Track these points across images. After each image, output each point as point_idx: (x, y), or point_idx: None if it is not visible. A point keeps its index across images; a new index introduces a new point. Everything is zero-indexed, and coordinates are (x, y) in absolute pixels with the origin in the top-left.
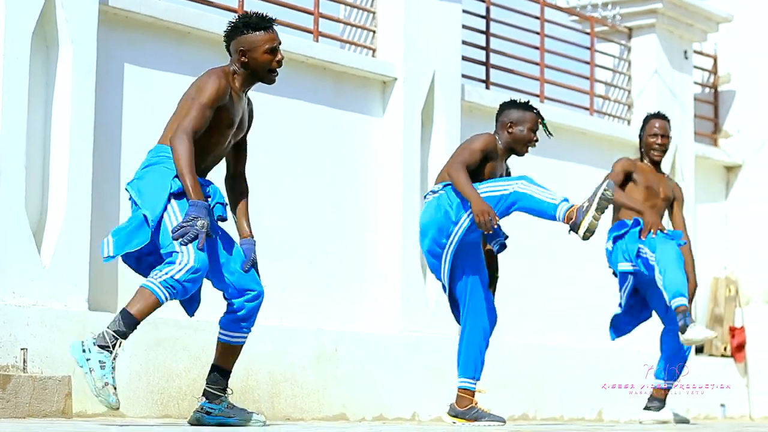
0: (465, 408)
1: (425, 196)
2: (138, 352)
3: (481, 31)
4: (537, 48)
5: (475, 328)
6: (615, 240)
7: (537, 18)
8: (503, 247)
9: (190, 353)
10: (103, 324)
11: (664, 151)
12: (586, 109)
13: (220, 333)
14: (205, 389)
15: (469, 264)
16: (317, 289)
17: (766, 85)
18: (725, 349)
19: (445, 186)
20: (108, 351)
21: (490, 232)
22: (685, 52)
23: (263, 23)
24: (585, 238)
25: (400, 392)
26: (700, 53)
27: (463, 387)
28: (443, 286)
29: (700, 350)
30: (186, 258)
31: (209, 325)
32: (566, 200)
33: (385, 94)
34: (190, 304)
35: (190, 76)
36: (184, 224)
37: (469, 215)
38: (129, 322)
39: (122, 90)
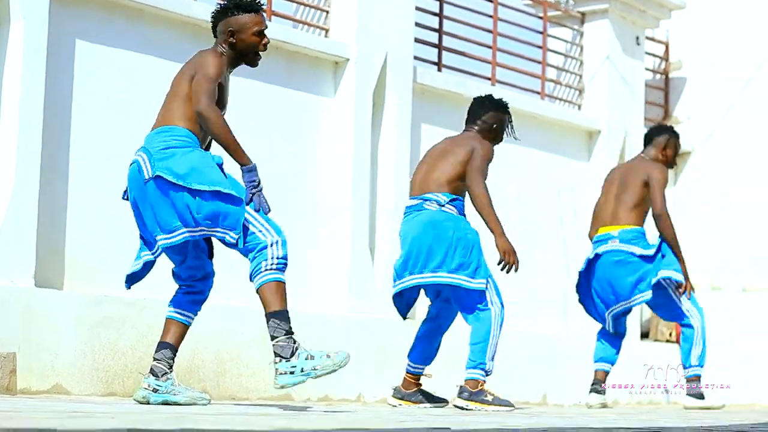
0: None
1: (421, 202)
2: (83, 330)
3: (434, 14)
4: (489, 31)
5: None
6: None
7: (490, 1)
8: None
9: (137, 331)
10: (50, 301)
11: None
12: (538, 93)
13: (176, 312)
14: (152, 366)
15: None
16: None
17: (717, 73)
18: (670, 334)
19: (453, 200)
20: (298, 349)
21: (509, 272)
22: (637, 38)
23: (253, 5)
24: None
25: (346, 373)
26: (652, 39)
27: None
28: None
29: (645, 335)
30: (270, 236)
31: (156, 302)
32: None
33: (337, 74)
34: (132, 279)
35: (142, 53)
36: (253, 191)
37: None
38: (286, 317)
39: (73, 67)
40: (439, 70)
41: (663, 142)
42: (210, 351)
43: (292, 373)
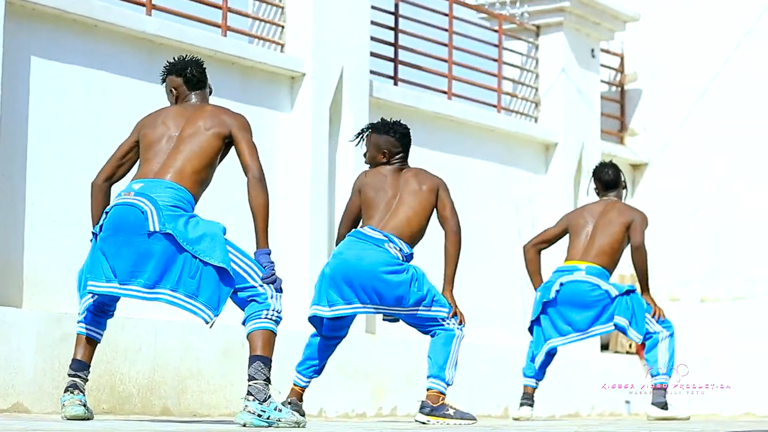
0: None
1: (386, 240)
2: (43, 348)
3: (390, 28)
4: (445, 45)
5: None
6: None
7: (446, 15)
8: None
9: (97, 348)
10: (9, 319)
11: None
12: (494, 106)
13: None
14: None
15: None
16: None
17: (672, 84)
18: (630, 346)
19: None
20: (271, 398)
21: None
22: (593, 50)
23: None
24: (418, 419)
25: (307, 388)
26: (607, 52)
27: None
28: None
29: (605, 347)
30: (270, 290)
31: (116, 320)
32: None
33: (293, 89)
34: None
35: (97, 69)
36: (272, 273)
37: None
38: (269, 365)
39: (28, 83)
40: (395, 84)
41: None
42: (170, 368)
43: (259, 416)
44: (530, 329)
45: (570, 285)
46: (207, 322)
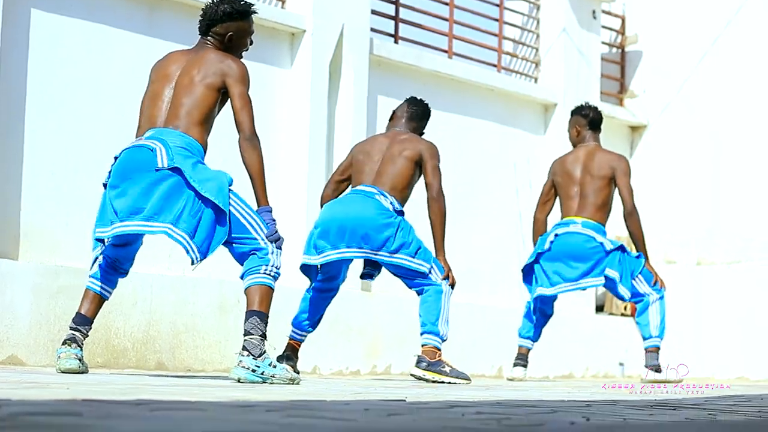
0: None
1: (375, 192)
2: (39, 301)
3: None
4: (446, 3)
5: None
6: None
7: None
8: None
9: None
10: (5, 271)
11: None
12: (494, 66)
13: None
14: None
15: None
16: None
17: (672, 47)
18: (625, 308)
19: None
20: (265, 353)
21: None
22: (594, 11)
23: (252, 12)
24: (414, 373)
25: (303, 342)
26: (608, 13)
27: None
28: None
29: (600, 309)
30: (270, 246)
31: None
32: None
33: (293, 46)
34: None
35: (97, 23)
36: (275, 230)
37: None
38: (266, 321)
39: (28, 35)
40: (396, 42)
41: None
42: (165, 323)
43: (253, 371)
44: (524, 279)
45: (565, 236)
46: (193, 263)
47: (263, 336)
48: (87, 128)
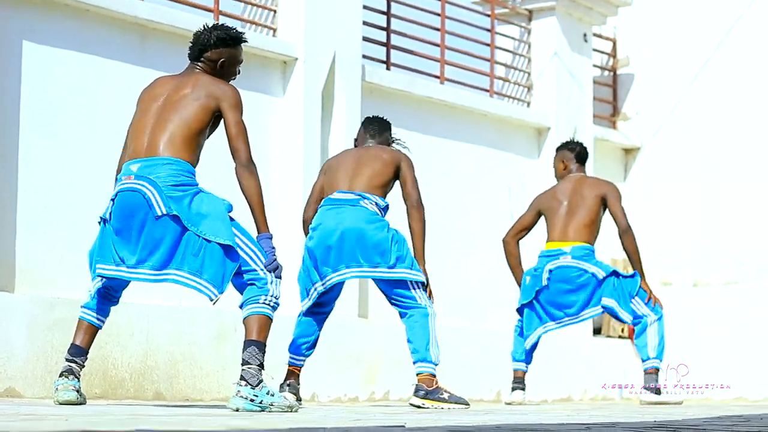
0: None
1: (359, 198)
2: (36, 333)
3: (382, 12)
4: (438, 29)
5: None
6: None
7: None
8: None
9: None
10: (1, 304)
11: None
12: (486, 90)
13: (97, 318)
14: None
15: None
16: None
17: (664, 69)
18: (622, 330)
19: (395, 230)
20: (263, 383)
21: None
22: (585, 35)
23: (243, 38)
24: (413, 403)
25: (303, 367)
26: (600, 36)
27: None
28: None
29: (597, 331)
30: (269, 276)
31: None
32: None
33: (286, 74)
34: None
35: (90, 54)
36: (273, 259)
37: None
38: (263, 350)
39: (20, 68)
40: (388, 68)
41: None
42: (163, 352)
43: (251, 401)
44: (519, 311)
45: (558, 271)
46: (211, 300)
47: (261, 365)
48: (81, 160)
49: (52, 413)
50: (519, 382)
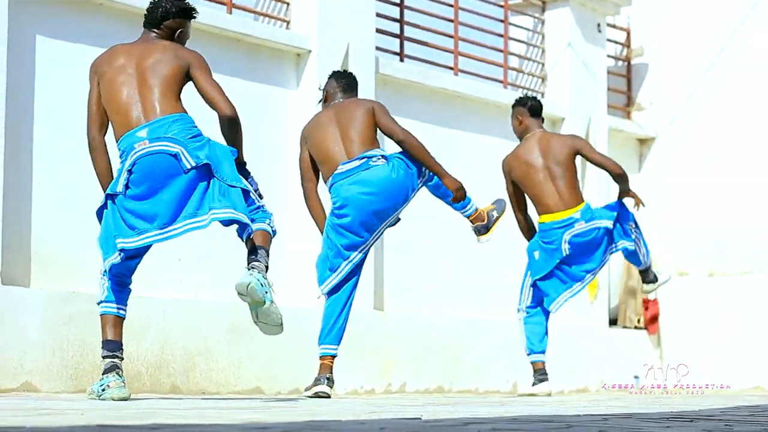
0: None
1: (366, 160)
2: (52, 327)
3: (395, 4)
4: (451, 21)
5: None
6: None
7: None
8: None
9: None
10: (16, 299)
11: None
12: (500, 81)
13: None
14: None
15: None
16: (232, 263)
17: (678, 58)
18: (639, 321)
19: (398, 154)
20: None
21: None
22: (599, 25)
23: (196, 14)
24: (483, 241)
25: (316, 366)
26: (613, 26)
27: None
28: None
29: (614, 322)
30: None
31: None
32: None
33: (299, 66)
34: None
35: (103, 48)
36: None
37: (422, 184)
38: (268, 256)
39: (34, 62)
40: (401, 60)
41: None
42: (178, 346)
43: (261, 284)
44: (543, 286)
45: (576, 238)
46: (246, 222)
47: (267, 267)
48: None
49: (68, 408)
50: (543, 374)
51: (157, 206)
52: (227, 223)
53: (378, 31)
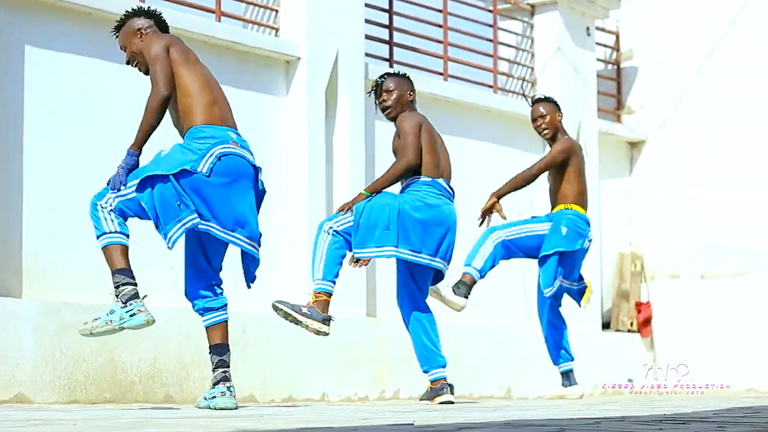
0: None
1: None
2: (44, 338)
3: (384, 10)
4: (440, 26)
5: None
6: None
7: None
8: None
9: (98, 337)
10: (8, 309)
11: (545, 129)
12: (490, 86)
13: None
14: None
15: None
16: (224, 271)
17: (667, 61)
18: (632, 324)
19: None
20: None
21: None
22: (588, 28)
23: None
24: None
25: (309, 373)
26: (603, 30)
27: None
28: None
29: (606, 326)
30: None
31: None
32: None
33: (289, 73)
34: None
35: (92, 57)
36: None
37: None
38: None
39: (23, 72)
40: (391, 66)
41: None
42: (171, 354)
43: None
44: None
45: (590, 243)
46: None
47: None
48: (86, 163)
49: (60, 419)
50: (469, 288)
51: (226, 206)
52: (248, 256)
53: (367, 37)
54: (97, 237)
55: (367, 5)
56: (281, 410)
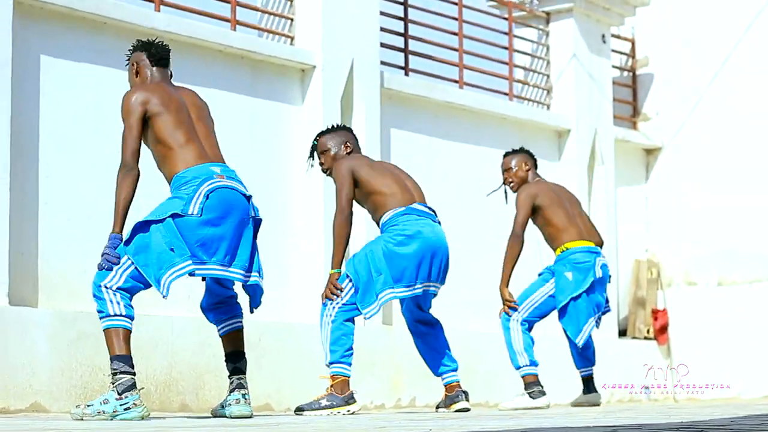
0: None
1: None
2: (60, 347)
3: (400, 18)
4: (455, 34)
5: None
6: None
7: (455, 4)
8: None
9: None
10: (24, 319)
11: (511, 182)
12: (506, 94)
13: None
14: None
15: None
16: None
17: (683, 68)
18: (648, 331)
19: None
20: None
21: None
22: (603, 36)
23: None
24: None
25: (324, 382)
26: (618, 37)
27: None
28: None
29: (623, 333)
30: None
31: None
32: None
33: (304, 82)
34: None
35: (107, 66)
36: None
37: None
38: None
39: (39, 81)
40: (407, 74)
41: None
42: (187, 364)
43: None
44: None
45: (605, 267)
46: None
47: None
48: (101, 172)
49: (77, 428)
50: (539, 385)
51: (221, 241)
52: (250, 286)
53: (383, 45)
54: (100, 318)
55: (382, 13)
56: (297, 419)
